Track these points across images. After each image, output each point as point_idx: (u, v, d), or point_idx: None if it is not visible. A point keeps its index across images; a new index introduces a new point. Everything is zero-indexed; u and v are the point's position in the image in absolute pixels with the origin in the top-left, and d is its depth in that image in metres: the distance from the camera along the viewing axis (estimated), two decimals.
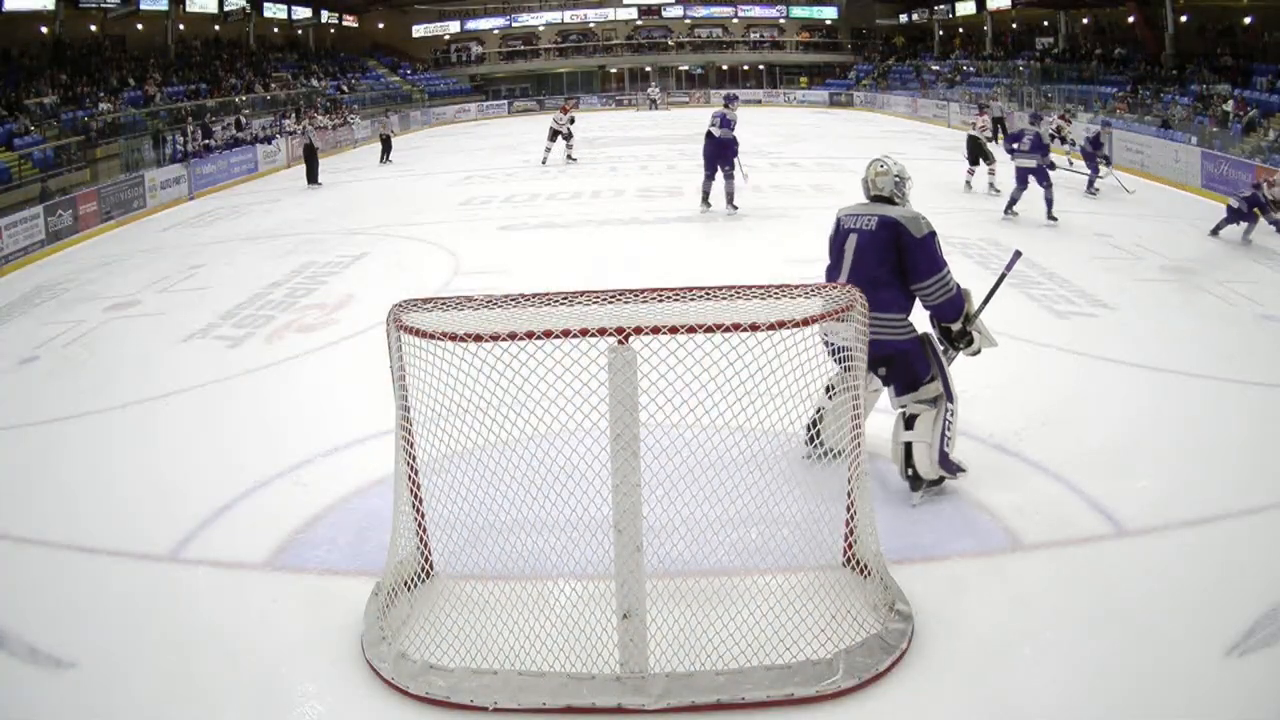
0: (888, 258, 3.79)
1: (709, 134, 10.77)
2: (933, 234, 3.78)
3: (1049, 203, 10.23)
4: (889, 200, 3.97)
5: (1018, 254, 4.43)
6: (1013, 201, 10.42)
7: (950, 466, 3.95)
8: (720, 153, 10.80)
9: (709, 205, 11.15)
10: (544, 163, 16.96)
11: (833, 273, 3.98)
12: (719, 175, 10.92)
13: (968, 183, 12.80)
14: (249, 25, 29.57)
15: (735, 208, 10.96)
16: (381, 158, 19.80)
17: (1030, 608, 3.19)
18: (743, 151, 11.46)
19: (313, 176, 16.33)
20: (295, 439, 4.80)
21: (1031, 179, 10.24)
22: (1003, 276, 4.32)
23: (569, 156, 17.36)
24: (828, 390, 3.57)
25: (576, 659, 2.85)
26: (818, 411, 3.67)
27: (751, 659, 2.84)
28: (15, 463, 4.83)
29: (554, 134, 17.11)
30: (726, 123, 10.68)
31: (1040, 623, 3.11)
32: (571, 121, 17.50)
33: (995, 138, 20.40)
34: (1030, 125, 10.82)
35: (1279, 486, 3.98)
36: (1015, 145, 10.42)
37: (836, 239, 3.99)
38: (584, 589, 3.09)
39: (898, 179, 3.99)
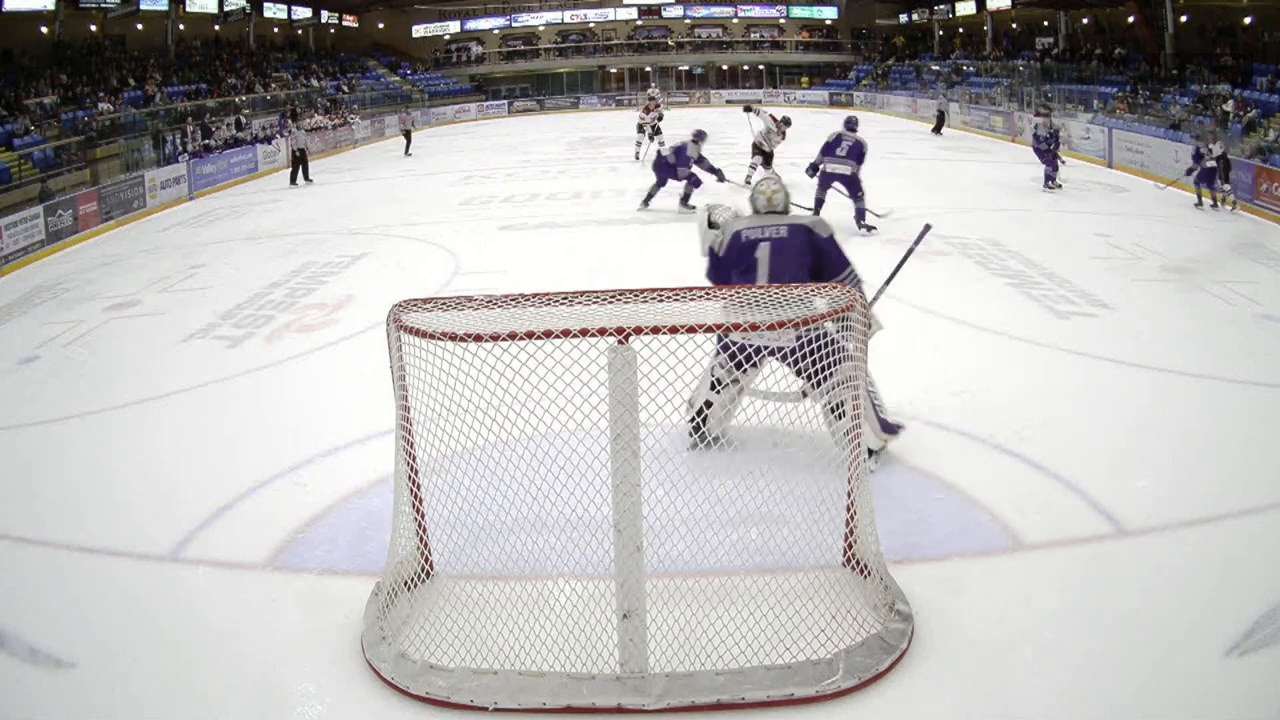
0: (805, 260, 4.08)
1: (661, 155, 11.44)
2: (833, 233, 4.19)
3: (860, 214, 9.54)
4: (784, 212, 4.27)
5: (927, 227, 4.67)
6: (818, 205, 9.73)
7: (890, 428, 4.21)
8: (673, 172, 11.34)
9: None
10: (637, 158, 16.61)
11: (744, 280, 4.09)
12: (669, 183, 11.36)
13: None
14: (249, 25, 29.56)
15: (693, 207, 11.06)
16: (405, 150, 20.92)
17: (1030, 608, 3.19)
18: (742, 152, 11.61)
19: (299, 176, 16.57)
20: (295, 439, 4.80)
21: (841, 186, 9.55)
22: (910, 250, 4.55)
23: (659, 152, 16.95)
24: (714, 386, 3.91)
25: (576, 659, 2.85)
26: (705, 404, 3.97)
27: (751, 659, 2.84)
28: (15, 463, 4.83)
29: (655, 130, 16.48)
30: (684, 159, 11.18)
31: (1040, 623, 3.11)
32: (660, 119, 16.63)
33: (939, 129, 20.99)
34: (848, 131, 9.74)
35: (1279, 486, 3.98)
36: (835, 151, 9.54)
37: (741, 249, 4.13)
38: (584, 589, 3.09)
39: (788, 194, 4.33)
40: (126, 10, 23.74)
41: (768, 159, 12.68)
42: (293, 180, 16.57)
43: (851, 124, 10.06)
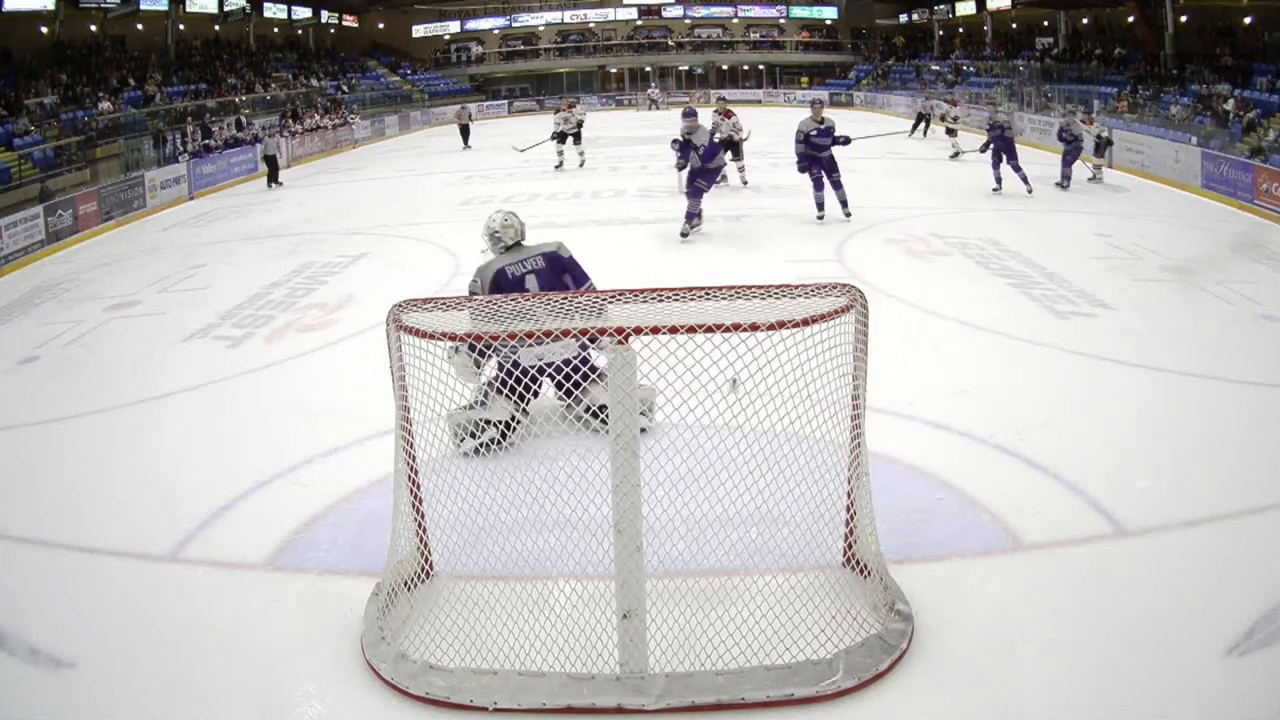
0: (562, 282, 4.55)
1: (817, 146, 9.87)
2: (571, 252, 4.70)
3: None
4: (520, 243, 4.70)
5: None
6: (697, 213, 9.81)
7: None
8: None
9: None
10: (559, 167, 16.08)
11: None
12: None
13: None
14: (249, 25, 29.57)
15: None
16: (463, 144, 21.18)
17: (1030, 608, 3.19)
18: (746, 152, 11.64)
19: (272, 178, 16.60)
20: (295, 439, 4.80)
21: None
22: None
23: (580, 158, 16.24)
24: (510, 422, 3.94)
25: (576, 659, 2.85)
26: (512, 420, 3.98)
27: (751, 659, 2.84)
28: (15, 463, 4.83)
29: (561, 136, 16.02)
30: (828, 134, 9.90)
31: (1040, 623, 3.11)
32: (579, 125, 16.09)
33: (913, 133, 20.47)
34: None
35: (1279, 486, 3.98)
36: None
37: (511, 285, 4.49)
38: (584, 589, 3.09)
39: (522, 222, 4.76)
40: (126, 10, 23.75)
41: (737, 149, 12.65)
42: (269, 184, 16.59)
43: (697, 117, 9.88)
